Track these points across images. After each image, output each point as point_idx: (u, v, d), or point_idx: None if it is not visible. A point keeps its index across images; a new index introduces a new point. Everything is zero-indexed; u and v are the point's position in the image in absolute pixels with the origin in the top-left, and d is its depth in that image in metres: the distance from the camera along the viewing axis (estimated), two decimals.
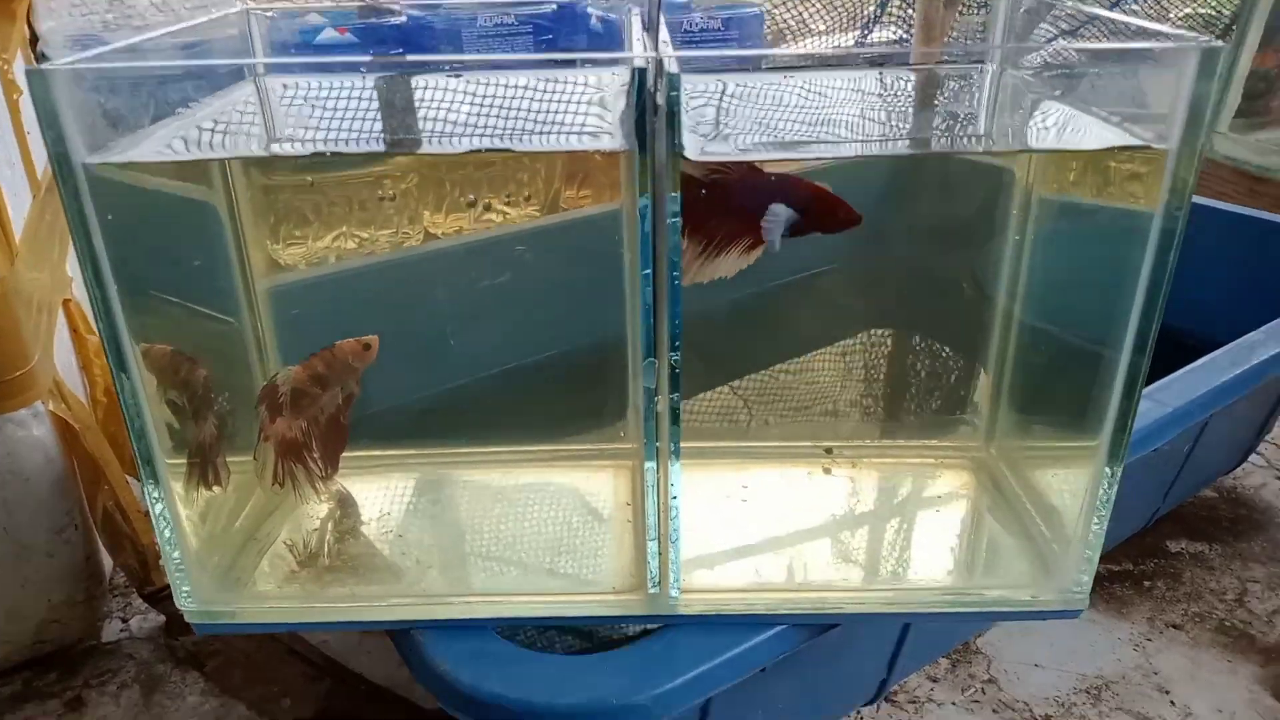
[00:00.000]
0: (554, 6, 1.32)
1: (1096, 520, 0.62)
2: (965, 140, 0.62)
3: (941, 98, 0.61)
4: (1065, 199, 0.69)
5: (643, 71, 0.47)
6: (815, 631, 0.63)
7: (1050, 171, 0.69)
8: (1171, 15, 2.08)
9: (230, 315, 0.73)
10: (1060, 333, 0.71)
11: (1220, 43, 0.45)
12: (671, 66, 0.45)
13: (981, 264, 0.76)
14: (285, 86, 0.57)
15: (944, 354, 0.86)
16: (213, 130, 0.54)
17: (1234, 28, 1.97)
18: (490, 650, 0.60)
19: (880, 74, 0.63)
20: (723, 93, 0.62)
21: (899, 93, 0.62)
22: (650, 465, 0.57)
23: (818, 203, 0.57)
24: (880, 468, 0.79)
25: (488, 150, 0.45)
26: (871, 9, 1.96)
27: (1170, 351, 0.83)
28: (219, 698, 0.95)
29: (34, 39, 1.02)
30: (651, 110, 0.44)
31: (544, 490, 0.76)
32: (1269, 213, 1.22)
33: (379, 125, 0.51)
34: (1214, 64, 0.44)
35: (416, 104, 0.51)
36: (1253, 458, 1.28)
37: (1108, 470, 0.60)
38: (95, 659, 1.00)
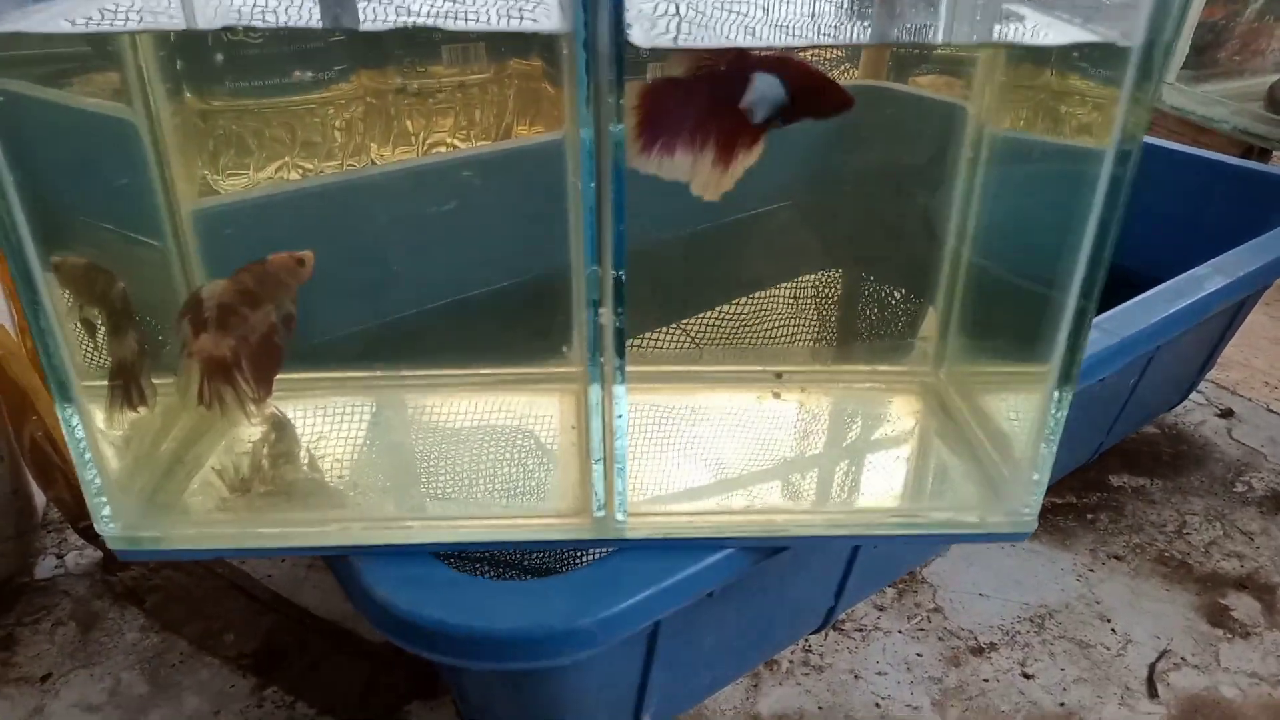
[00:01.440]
0: None
1: (1045, 444, 0.62)
2: (926, 33, 0.60)
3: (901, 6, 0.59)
4: (1018, 133, 0.68)
5: None
6: (763, 555, 0.63)
7: (1003, 104, 0.68)
8: None
9: (155, 240, 0.70)
10: (1012, 253, 0.70)
11: None
12: None
13: (932, 187, 0.75)
14: None
15: (895, 282, 0.85)
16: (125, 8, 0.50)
17: None
18: (430, 575, 0.58)
19: None
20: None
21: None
22: (595, 382, 0.55)
23: (808, 82, 0.53)
24: (829, 392, 0.78)
25: (417, 27, 0.42)
26: None
27: (1116, 288, 0.83)
28: (160, 634, 0.92)
29: None
30: None
31: (487, 413, 0.74)
32: (1215, 152, 1.23)
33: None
34: None
35: None
36: (1194, 395, 1.30)
37: (1057, 393, 0.60)
38: (28, 596, 0.97)
